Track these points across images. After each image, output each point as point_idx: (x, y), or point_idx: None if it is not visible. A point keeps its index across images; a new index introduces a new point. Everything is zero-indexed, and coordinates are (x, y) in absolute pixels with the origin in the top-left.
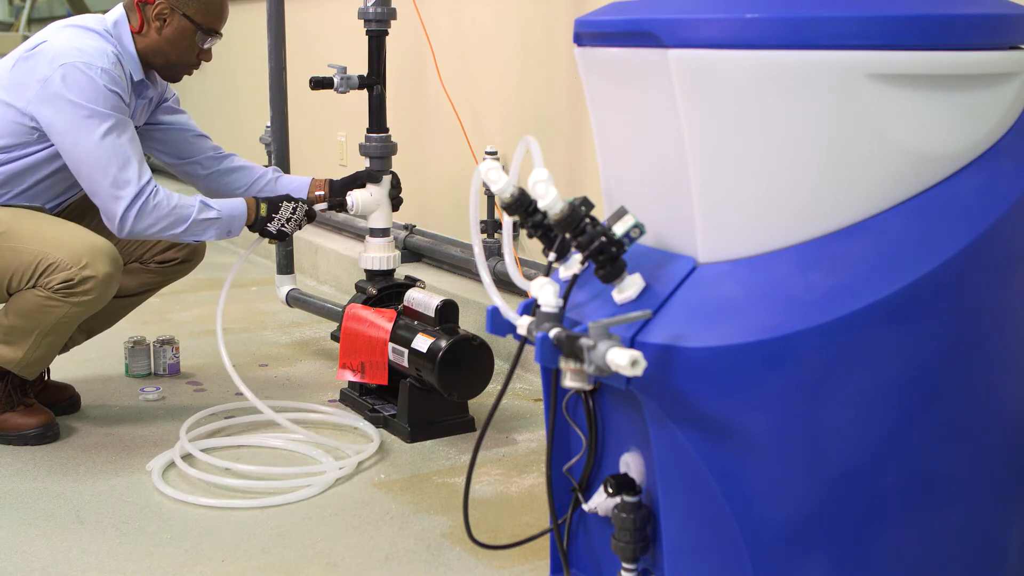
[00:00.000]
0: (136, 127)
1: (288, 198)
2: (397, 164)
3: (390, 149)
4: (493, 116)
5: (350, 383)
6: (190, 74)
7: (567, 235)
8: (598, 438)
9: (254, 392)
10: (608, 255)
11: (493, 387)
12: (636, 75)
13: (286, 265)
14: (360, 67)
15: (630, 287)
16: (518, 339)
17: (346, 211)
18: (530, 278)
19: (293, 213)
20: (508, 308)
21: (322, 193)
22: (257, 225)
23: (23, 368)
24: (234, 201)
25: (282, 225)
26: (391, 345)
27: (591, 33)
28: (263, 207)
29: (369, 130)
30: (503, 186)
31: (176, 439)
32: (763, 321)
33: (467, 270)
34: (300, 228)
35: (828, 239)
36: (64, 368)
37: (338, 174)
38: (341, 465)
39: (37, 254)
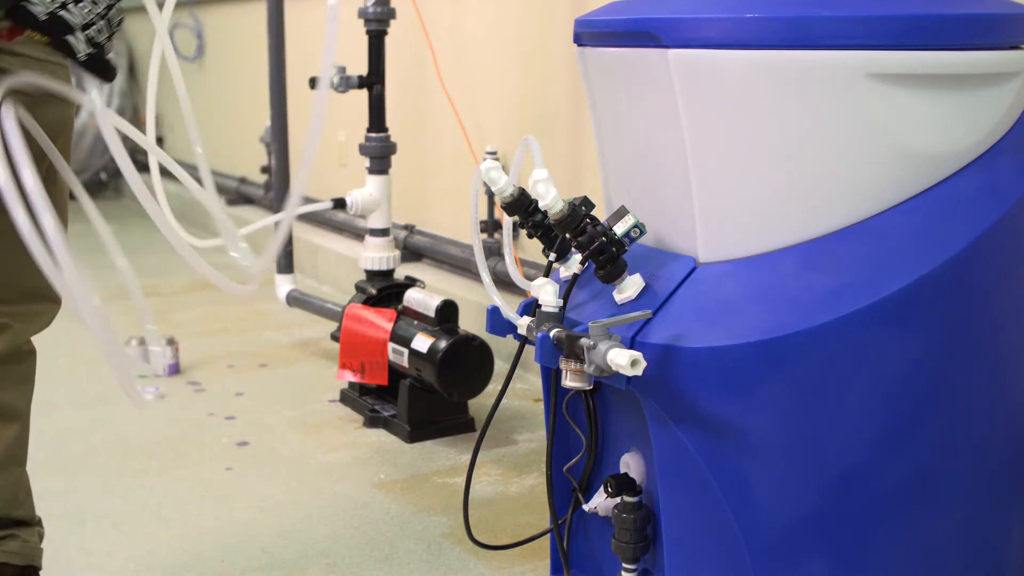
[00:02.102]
0: None
1: None
2: (397, 164)
3: (390, 149)
4: (493, 116)
5: (350, 383)
6: None
7: (567, 235)
8: (598, 438)
9: (252, 392)
10: (608, 255)
11: (493, 387)
12: (636, 75)
13: (286, 265)
14: (360, 67)
15: (630, 287)
16: (518, 339)
17: (345, 211)
18: (530, 278)
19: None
20: (508, 308)
21: None
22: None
23: None
24: None
25: (58, 7)
26: (391, 345)
27: (591, 33)
28: None
29: (369, 130)
30: (503, 186)
31: (176, 439)
32: (763, 321)
33: (467, 270)
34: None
35: (828, 239)
36: (64, 368)
37: (338, 174)
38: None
39: None
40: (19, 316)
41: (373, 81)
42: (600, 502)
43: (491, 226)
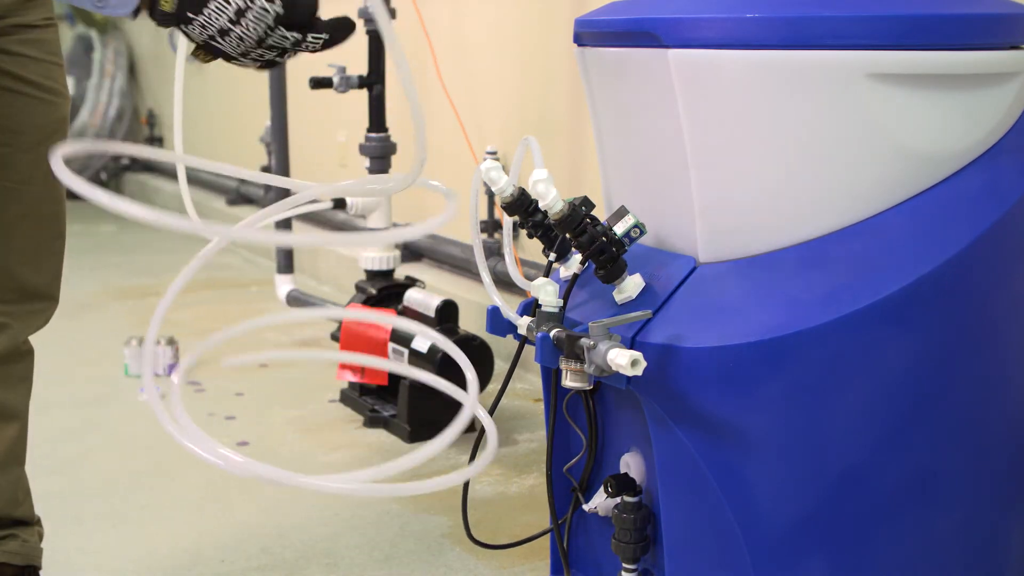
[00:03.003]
0: None
1: None
2: (397, 164)
3: (390, 149)
4: (493, 116)
5: (350, 383)
6: None
7: (567, 235)
8: (598, 438)
9: (252, 392)
10: (608, 255)
11: (493, 387)
12: (636, 75)
13: (286, 265)
14: (360, 67)
15: (630, 287)
16: (518, 339)
17: (345, 211)
18: (530, 278)
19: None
20: (508, 308)
21: None
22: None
23: None
24: None
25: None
26: (391, 345)
27: (591, 33)
28: None
29: (369, 130)
30: (503, 186)
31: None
32: (763, 321)
33: (467, 270)
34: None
35: (828, 239)
36: (63, 367)
37: (338, 175)
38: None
39: None
40: (17, 315)
41: (373, 81)
42: (600, 502)
43: (491, 226)
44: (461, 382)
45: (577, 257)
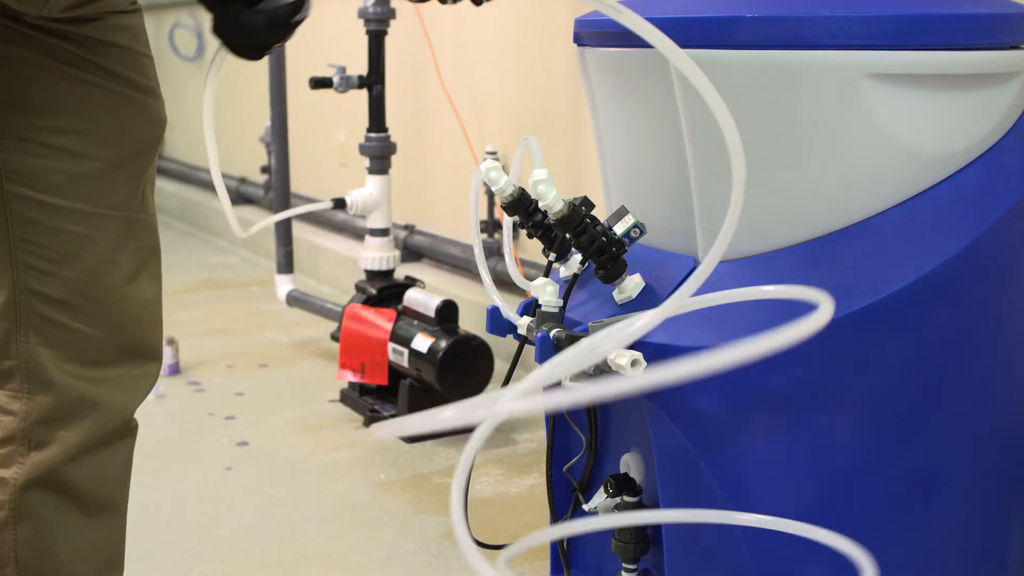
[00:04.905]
0: None
1: None
2: (397, 164)
3: (390, 149)
4: (493, 116)
5: (350, 383)
6: None
7: (567, 235)
8: (598, 438)
9: (252, 392)
10: (609, 255)
11: (493, 387)
12: (636, 75)
13: (286, 265)
14: (360, 67)
15: (630, 287)
16: (518, 339)
17: (345, 211)
18: (530, 278)
19: None
20: (508, 308)
21: None
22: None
23: None
24: None
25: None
26: (391, 345)
27: (591, 33)
28: None
29: (369, 130)
30: (503, 186)
31: (176, 439)
32: (763, 321)
33: (467, 270)
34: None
35: (828, 239)
36: None
37: (338, 174)
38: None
39: None
40: (119, 382)
41: (373, 81)
42: (600, 502)
43: (491, 226)
44: (461, 381)
45: (577, 257)
